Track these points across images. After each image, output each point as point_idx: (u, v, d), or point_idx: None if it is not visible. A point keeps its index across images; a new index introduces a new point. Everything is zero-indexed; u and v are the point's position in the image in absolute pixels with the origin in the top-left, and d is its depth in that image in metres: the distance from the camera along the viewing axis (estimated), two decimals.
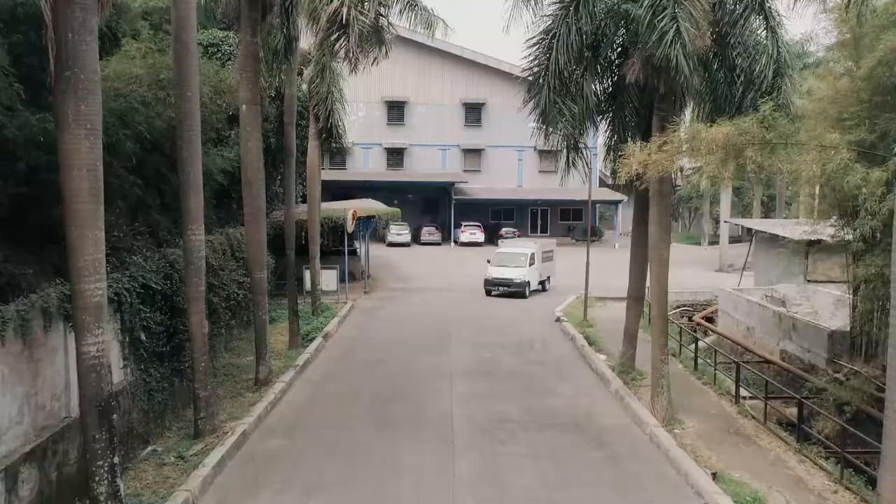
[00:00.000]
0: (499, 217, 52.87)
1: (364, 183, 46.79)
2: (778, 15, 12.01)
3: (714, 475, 10.25)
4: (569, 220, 53.18)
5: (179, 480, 9.63)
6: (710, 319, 24.27)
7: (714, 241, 48.59)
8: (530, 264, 27.60)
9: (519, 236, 47.86)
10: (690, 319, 24.53)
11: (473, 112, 52.30)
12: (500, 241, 30.10)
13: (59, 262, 9.78)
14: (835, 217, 14.29)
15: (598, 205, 53.87)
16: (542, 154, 17.21)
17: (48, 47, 7.83)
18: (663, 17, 10.75)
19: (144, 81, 13.65)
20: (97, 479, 8.27)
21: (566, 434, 12.04)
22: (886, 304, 13.78)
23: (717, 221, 48.96)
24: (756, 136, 9.64)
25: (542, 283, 29.09)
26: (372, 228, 30.07)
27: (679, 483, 10.10)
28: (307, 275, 23.13)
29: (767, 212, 51.54)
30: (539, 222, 54.12)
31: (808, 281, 22.99)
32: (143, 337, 11.15)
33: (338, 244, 26.99)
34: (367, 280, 28.60)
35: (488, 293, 27.33)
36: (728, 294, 23.33)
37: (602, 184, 47.68)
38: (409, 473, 10.19)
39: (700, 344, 19.31)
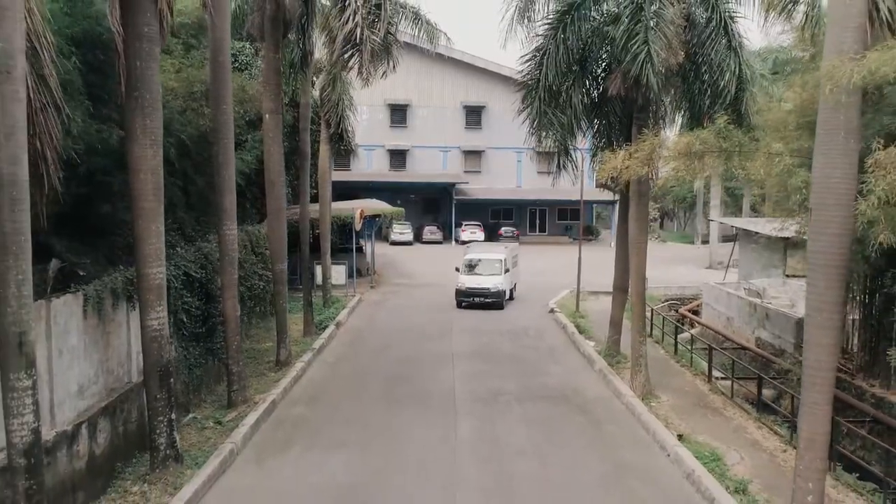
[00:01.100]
0: (498, 217, 54.40)
1: (368, 183, 48.32)
2: (739, 36, 13.63)
3: (680, 437, 11.87)
4: (566, 220, 54.70)
5: (220, 440, 11.25)
6: (696, 312, 25.94)
7: (707, 240, 50.15)
8: (505, 271, 25.44)
9: (518, 235, 49.43)
10: (678, 311, 26.24)
11: (474, 115, 53.87)
12: (466, 246, 26.36)
13: (110, 253, 11.46)
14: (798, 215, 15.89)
15: (594, 205, 55.40)
16: (541, 156, 18.01)
17: (120, 73, 9.54)
18: (636, 42, 12.38)
19: (179, 94, 15.29)
20: (158, 431, 9.95)
21: (555, 404, 13.70)
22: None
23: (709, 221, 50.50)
24: (713, 144, 11.26)
25: (510, 290, 26.70)
26: (377, 227, 31.59)
27: (649, 442, 11.76)
28: (318, 270, 24.74)
29: (760, 212, 53.08)
30: (537, 222, 55.68)
31: (787, 275, 24.68)
32: (184, 319, 12.78)
33: (345, 242, 28.63)
34: (372, 276, 30.23)
35: (460, 305, 24.65)
36: (711, 288, 24.95)
37: (599, 184, 49.13)
38: (417, 434, 11.86)
39: (686, 334, 20.94)
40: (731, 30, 13.43)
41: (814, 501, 8.23)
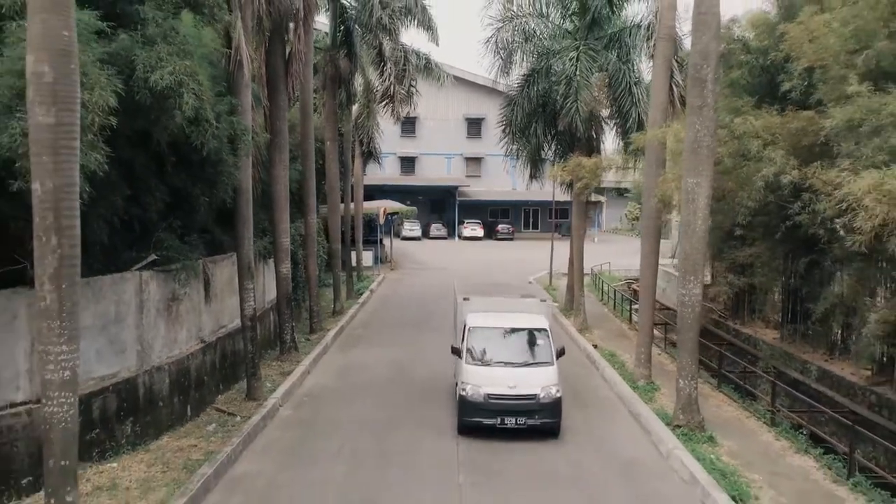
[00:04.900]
0: (496, 216, 61.49)
1: (382, 186, 55.45)
2: (640, 94, 20.91)
3: (595, 346, 19.31)
4: (557, 219, 61.99)
5: (313, 346, 18.61)
6: None
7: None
8: (559, 355, 13.03)
9: (514, 232, 56.69)
10: (631, 287, 33.69)
11: (474, 125, 61.18)
12: (463, 301, 14.91)
13: (233, 234, 18.78)
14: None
15: None
16: (524, 164, 23.27)
17: (266, 127, 16.96)
18: (570, 99, 19.76)
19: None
20: (285, 332, 17.38)
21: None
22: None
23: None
24: (615, 161, 18.69)
25: None
26: (392, 224, 38.87)
27: (573, 346, 19.22)
28: (352, 254, 32.15)
29: None
30: (531, 220, 62.90)
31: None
32: None
33: (368, 235, 36.00)
34: (391, 262, 37.67)
35: (464, 430, 12.39)
36: None
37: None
38: (433, 343, 19.31)
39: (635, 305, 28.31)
40: (634, 90, 20.75)
41: (643, 358, 15.62)
